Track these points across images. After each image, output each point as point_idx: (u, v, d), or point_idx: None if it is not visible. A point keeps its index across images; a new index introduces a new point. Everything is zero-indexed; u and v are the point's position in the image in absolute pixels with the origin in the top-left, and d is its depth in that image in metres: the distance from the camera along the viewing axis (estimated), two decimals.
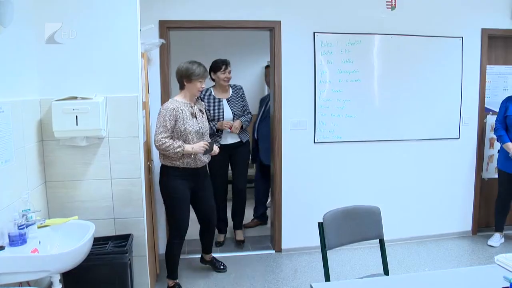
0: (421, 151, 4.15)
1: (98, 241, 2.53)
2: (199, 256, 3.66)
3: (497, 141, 4.04)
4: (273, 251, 4.03)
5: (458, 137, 4.21)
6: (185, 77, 3.09)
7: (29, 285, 2.12)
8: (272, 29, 3.79)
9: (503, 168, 3.98)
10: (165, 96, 3.69)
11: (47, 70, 2.58)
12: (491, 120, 4.27)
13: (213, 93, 3.86)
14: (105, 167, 2.68)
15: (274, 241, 4.07)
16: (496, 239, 4.10)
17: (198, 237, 3.52)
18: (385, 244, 2.42)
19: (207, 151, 3.11)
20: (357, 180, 4.03)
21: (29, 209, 2.18)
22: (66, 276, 2.38)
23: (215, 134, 3.77)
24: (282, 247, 3.98)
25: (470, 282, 1.82)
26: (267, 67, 4.61)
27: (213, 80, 3.86)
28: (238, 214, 4.19)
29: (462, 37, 4.08)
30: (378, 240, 2.41)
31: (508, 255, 1.97)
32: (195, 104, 3.19)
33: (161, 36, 3.57)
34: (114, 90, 2.64)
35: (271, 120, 3.98)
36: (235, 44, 5.71)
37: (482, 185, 4.37)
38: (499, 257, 1.99)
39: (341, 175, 4.01)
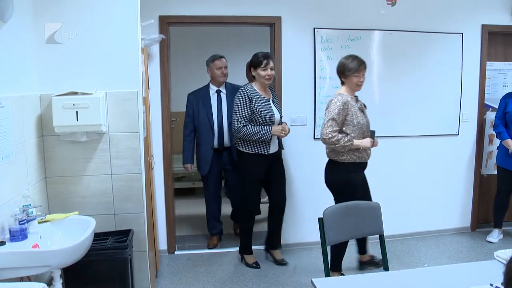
0: (421, 147, 4.15)
1: (99, 237, 2.52)
2: (195, 251, 3.42)
3: (497, 137, 4.04)
4: None
5: (457, 133, 4.22)
6: (341, 73, 3.10)
7: (30, 280, 2.12)
8: (272, 24, 3.78)
9: (502, 165, 3.99)
10: (165, 91, 3.69)
11: (47, 66, 2.57)
12: (490, 116, 4.26)
13: (258, 91, 3.37)
14: (105, 162, 2.67)
15: None
16: (495, 235, 4.12)
17: (197, 233, 3.50)
18: (385, 239, 2.43)
19: None
20: None
21: (30, 205, 2.17)
22: (67, 272, 2.37)
23: (267, 142, 3.34)
24: (282, 242, 3.98)
25: (469, 278, 1.82)
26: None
27: (253, 77, 3.39)
28: (278, 232, 3.74)
29: (462, 33, 4.08)
30: (378, 235, 2.41)
31: (508, 251, 1.98)
32: (357, 99, 3.17)
33: (161, 32, 3.57)
34: (115, 86, 2.63)
35: None
36: (235, 39, 5.69)
37: (481, 182, 4.39)
38: (498, 252, 2.00)
39: None
